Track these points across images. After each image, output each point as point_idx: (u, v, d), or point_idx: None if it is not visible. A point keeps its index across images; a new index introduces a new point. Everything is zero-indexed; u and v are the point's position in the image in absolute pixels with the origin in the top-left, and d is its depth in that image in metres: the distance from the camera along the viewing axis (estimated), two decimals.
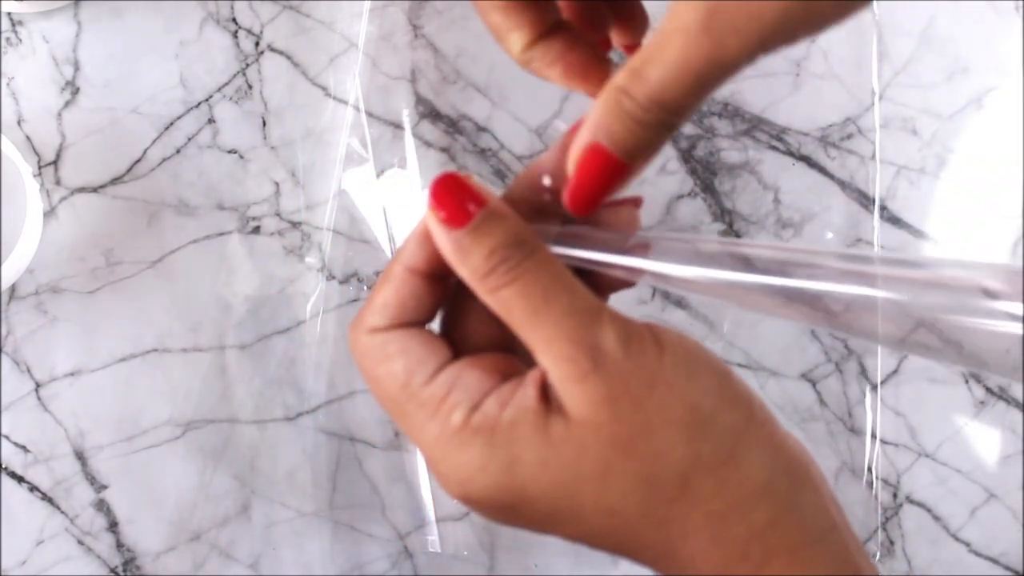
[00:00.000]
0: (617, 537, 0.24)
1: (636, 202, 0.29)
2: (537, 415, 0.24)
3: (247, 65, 0.53)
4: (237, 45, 0.53)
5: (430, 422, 0.25)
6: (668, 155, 0.53)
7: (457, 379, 0.25)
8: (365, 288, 0.52)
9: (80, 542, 0.50)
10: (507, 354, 0.27)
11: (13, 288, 0.51)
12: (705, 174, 0.53)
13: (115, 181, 0.52)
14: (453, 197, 0.24)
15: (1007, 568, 0.50)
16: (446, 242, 0.25)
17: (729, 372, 0.25)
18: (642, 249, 0.26)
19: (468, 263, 0.24)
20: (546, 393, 0.24)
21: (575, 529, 0.24)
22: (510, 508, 0.24)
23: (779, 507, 0.23)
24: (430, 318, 0.27)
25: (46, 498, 0.50)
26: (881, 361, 0.52)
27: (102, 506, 0.50)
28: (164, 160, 0.52)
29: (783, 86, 0.53)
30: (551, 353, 0.24)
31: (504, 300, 0.24)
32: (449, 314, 0.28)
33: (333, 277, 0.52)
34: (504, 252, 0.24)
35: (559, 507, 0.24)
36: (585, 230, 0.27)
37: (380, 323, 0.26)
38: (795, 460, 0.24)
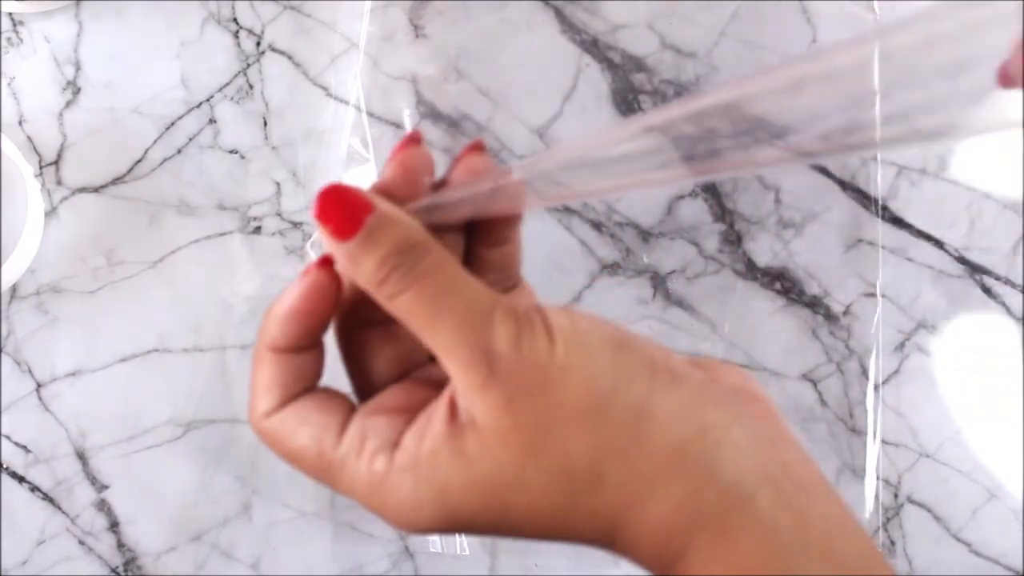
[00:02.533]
0: (560, 534, 0.24)
1: (476, 147, 0.28)
2: (451, 438, 0.24)
3: (248, 65, 0.53)
4: (238, 45, 0.53)
5: (356, 475, 0.25)
6: (669, 157, 0.53)
7: (365, 429, 0.25)
8: None
9: (81, 542, 0.50)
10: (410, 381, 0.27)
11: (14, 288, 0.51)
12: None
13: (116, 181, 0.52)
14: (338, 208, 0.24)
15: (1008, 568, 0.50)
16: (338, 254, 0.24)
17: (624, 342, 0.24)
18: (505, 172, 0.25)
19: (362, 274, 0.24)
20: (454, 413, 0.24)
21: (516, 532, 0.24)
22: (453, 528, 0.25)
23: (694, 474, 0.22)
24: (317, 378, 0.27)
25: (47, 498, 0.50)
26: (882, 361, 0.52)
27: (103, 506, 0.50)
28: (165, 160, 0.52)
29: None
30: (452, 362, 0.23)
31: (402, 307, 0.24)
32: (346, 355, 0.28)
33: None
34: (395, 259, 0.24)
35: (495, 520, 0.24)
36: (451, 191, 0.27)
37: (271, 405, 0.26)
38: (711, 417, 0.23)
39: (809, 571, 0.21)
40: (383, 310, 0.25)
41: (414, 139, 0.28)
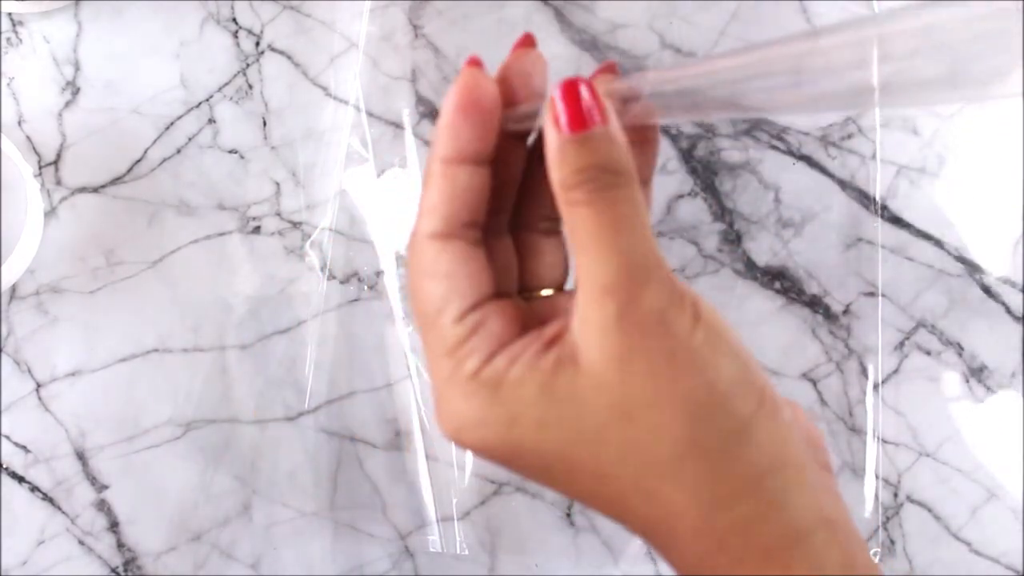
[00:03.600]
0: (608, 502, 0.24)
1: (608, 68, 0.28)
2: (544, 371, 0.23)
3: (247, 65, 0.53)
4: (237, 45, 0.53)
5: (445, 360, 0.25)
6: (668, 155, 0.53)
7: (482, 323, 0.25)
8: (365, 288, 0.52)
9: (81, 542, 0.50)
10: (556, 297, 0.28)
11: (14, 288, 0.51)
12: (705, 174, 0.53)
13: (116, 181, 0.52)
14: (578, 103, 0.24)
15: (1008, 568, 0.50)
16: (552, 142, 0.24)
17: (750, 359, 0.24)
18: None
19: (561, 169, 0.24)
20: (556, 343, 0.24)
21: (568, 488, 0.24)
22: (503, 460, 0.25)
23: (767, 503, 0.23)
24: (481, 212, 0.27)
25: (47, 498, 0.50)
26: (882, 361, 0.52)
27: (103, 506, 0.50)
28: (164, 160, 0.52)
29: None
30: (589, 289, 0.23)
31: (575, 217, 0.24)
32: (516, 242, 0.28)
33: (333, 277, 0.52)
34: (595, 172, 0.23)
35: (553, 466, 0.24)
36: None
37: (437, 227, 0.26)
38: (793, 456, 0.24)
39: None
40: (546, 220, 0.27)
41: (528, 42, 0.28)
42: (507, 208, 0.29)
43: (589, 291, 0.23)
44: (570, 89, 0.24)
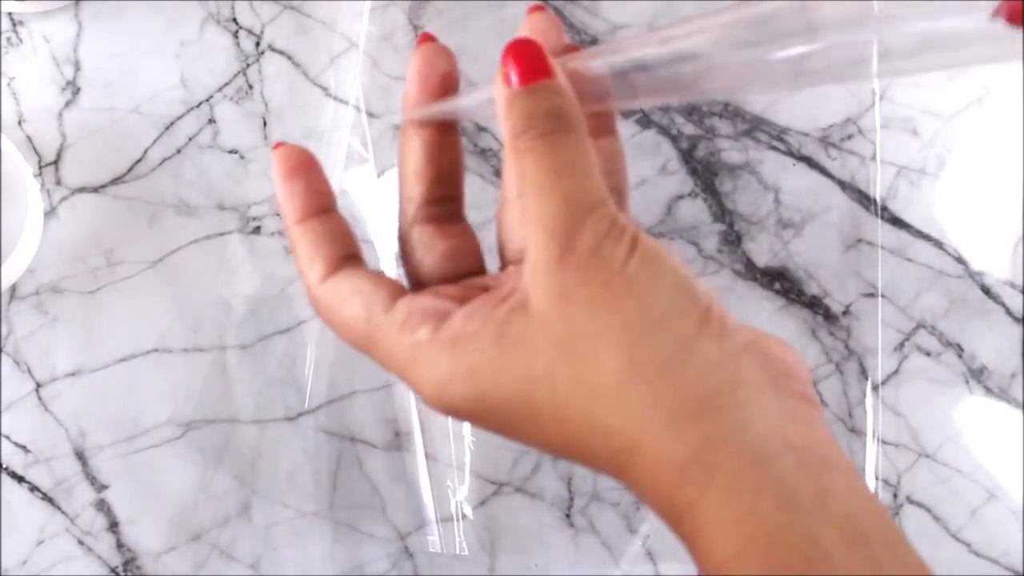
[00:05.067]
0: (571, 445, 0.24)
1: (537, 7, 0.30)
2: (496, 320, 0.24)
3: (248, 65, 0.53)
4: (238, 45, 0.53)
5: (398, 343, 0.26)
6: (668, 155, 0.53)
7: (414, 303, 0.26)
8: None
9: (80, 542, 0.50)
10: (464, 283, 0.28)
11: (13, 288, 0.51)
12: (705, 174, 0.53)
13: (116, 181, 0.52)
14: (523, 60, 0.25)
15: (1007, 568, 0.50)
16: (501, 96, 0.25)
17: (692, 283, 0.24)
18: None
19: (509, 119, 0.25)
20: (510, 296, 0.25)
21: (535, 436, 0.25)
22: (479, 415, 0.25)
23: (719, 425, 0.22)
24: (353, 244, 0.29)
25: (46, 498, 0.50)
26: (881, 362, 0.52)
27: (102, 506, 0.50)
28: (164, 160, 0.52)
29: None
30: (533, 232, 0.24)
31: (521, 165, 0.24)
32: (404, 249, 0.30)
33: None
34: (540, 119, 0.24)
35: (518, 411, 0.24)
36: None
37: (320, 272, 0.28)
38: (746, 376, 0.23)
39: (827, 541, 0.21)
40: (441, 206, 0.28)
41: (427, 37, 0.30)
42: (458, 194, 0.30)
43: (533, 234, 0.24)
44: (517, 47, 0.25)
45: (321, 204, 0.28)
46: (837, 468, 0.23)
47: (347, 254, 0.28)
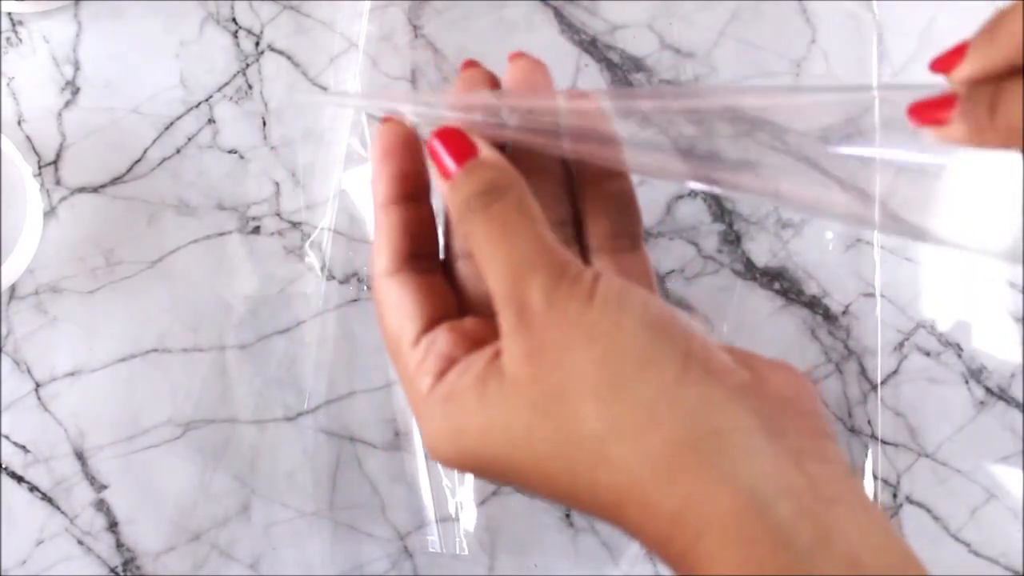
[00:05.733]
0: (563, 497, 0.24)
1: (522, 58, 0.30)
2: (479, 381, 0.24)
3: (247, 65, 0.53)
4: (237, 45, 0.53)
5: (410, 384, 0.26)
6: (668, 154, 0.53)
7: (433, 344, 0.26)
8: (365, 288, 0.52)
9: (80, 542, 0.50)
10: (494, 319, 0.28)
11: (13, 288, 0.51)
12: None
13: (115, 181, 0.52)
14: (442, 151, 0.26)
15: (1007, 568, 0.50)
16: (441, 190, 0.26)
17: (665, 325, 0.23)
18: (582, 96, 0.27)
19: (451, 211, 0.26)
20: (499, 356, 0.24)
21: (529, 487, 0.24)
22: (473, 470, 0.25)
23: (708, 473, 0.21)
24: (428, 244, 0.28)
25: (46, 498, 0.50)
26: (881, 361, 0.52)
27: (102, 506, 0.50)
28: (164, 160, 0.52)
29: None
30: (495, 302, 0.24)
31: (472, 244, 0.25)
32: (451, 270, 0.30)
33: (333, 277, 0.52)
34: (476, 199, 0.25)
35: (506, 468, 0.24)
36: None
37: (385, 265, 0.28)
38: (737, 420, 0.22)
39: None
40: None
41: (470, 64, 0.30)
42: None
43: (496, 304, 0.24)
44: (436, 141, 0.26)
45: (409, 191, 0.28)
46: (846, 504, 0.22)
47: (418, 252, 0.28)
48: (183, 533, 0.50)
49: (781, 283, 0.52)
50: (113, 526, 0.50)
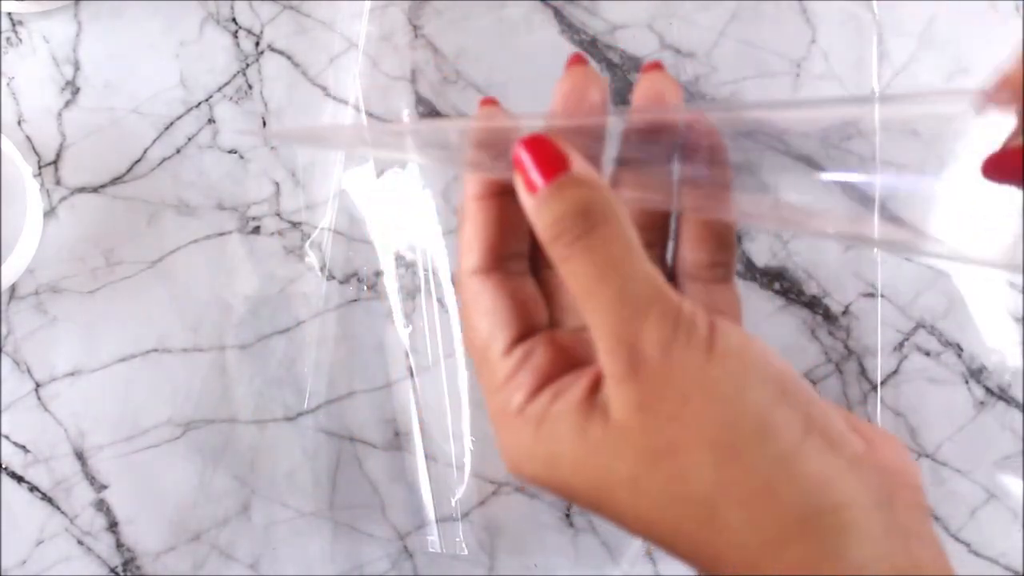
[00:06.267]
0: (656, 540, 0.23)
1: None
2: (579, 415, 0.23)
3: (247, 65, 0.53)
4: (237, 45, 0.53)
5: (496, 395, 0.25)
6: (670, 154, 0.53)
7: (527, 358, 0.25)
8: (365, 288, 0.52)
9: (80, 542, 0.50)
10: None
11: (13, 288, 0.51)
12: None
13: (115, 181, 0.52)
14: (531, 162, 0.24)
15: (1007, 568, 0.50)
16: (526, 205, 0.24)
17: (789, 389, 0.22)
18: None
19: (539, 229, 0.24)
20: (596, 389, 0.23)
21: (618, 523, 0.24)
22: (556, 493, 0.24)
23: (818, 549, 0.21)
24: (520, 243, 0.27)
25: (46, 498, 0.50)
26: (881, 362, 0.52)
27: (102, 506, 0.50)
28: (164, 160, 0.52)
29: (783, 86, 0.53)
30: (599, 344, 0.23)
31: (565, 273, 0.23)
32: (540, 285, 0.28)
33: (333, 277, 0.52)
34: (567, 222, 0.23)
35: (598, 504, 0.23)
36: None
37: (476, 263, 0.26)
38: (854, 495, 0.21)
39: None
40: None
41: (579, 59, 0.28)
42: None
43: (597, 342, 0.23)
44: (523, 150, 0.24)
45: (504, 185, 0.26)
46: None
47: (510, 252, 0.26)
48: (183, 533, 0.50)
49: (781, 283, 0.52)
50: (113, 526, 0.50)
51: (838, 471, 0.21)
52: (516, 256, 0.27)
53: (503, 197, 0.26)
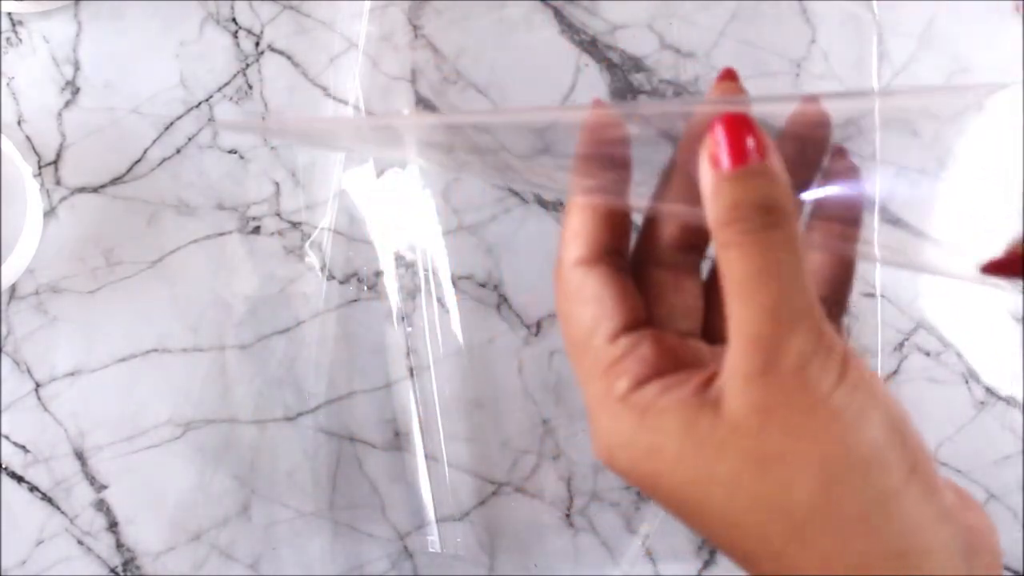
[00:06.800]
0: (735, 549, 0.23)
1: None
2: (688, 408, 0.23)
3: (247, 65, 0.53)
4: (237, 45, 0.53)
5: (597, 380, 0.25)
6: (668, 155, 0.53)
7: (635, 347, 0.25)
8: (365, 288, 0.52)
9: (80, 542, 0.50)
10: (695, 341, 0.27)
11: (13, 288, 0.51)
12: None
13: (115, 181, 0.52)
14: (732, 138, 0.23)
15: (1007, 568, 0.50)
16: (706, 178, 0.24)
17: (902, 430, 0.23)
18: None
19: (714, 206, 0.23)
20: (708, 386, 0.23)
21: (699, 526, 0.24)
22: (646, 487, 0.24)
23: None
24: (622, 241, 0.27)
25: (46, 498, 0.50)
26: (881, 361, 0.52)
27: (102, 506, 0.50)
28: (164, 160, 0.52)
29: (783, 86, 0.53)
30: (736, 337, 0.23)
31: (725, 259, 0.23)
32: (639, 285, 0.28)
33: (333, 277, 0.52)
34: (748, 211, 0.23)
35: (687, 502, 0.23)
36: None
37: (581, 253, 0.26)
38: (942, 542, 0.22)
39: None
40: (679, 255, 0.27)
41: (729, 75, 0.28)
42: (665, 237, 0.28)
43: (736, 339, 0.23)
44: (726, 124, 0.23)
45: (613, 187, 0.27)
46: None
47: (615, 248, 0.26)
48: (183, 533, 0.50)
49: None
50: (113, 526, 0.50)
51: (932, 518, 0.22)
52: (618, 252, 0.27)
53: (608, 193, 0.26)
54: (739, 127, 0.23)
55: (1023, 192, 0.54)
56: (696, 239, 0.28)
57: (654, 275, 0.28)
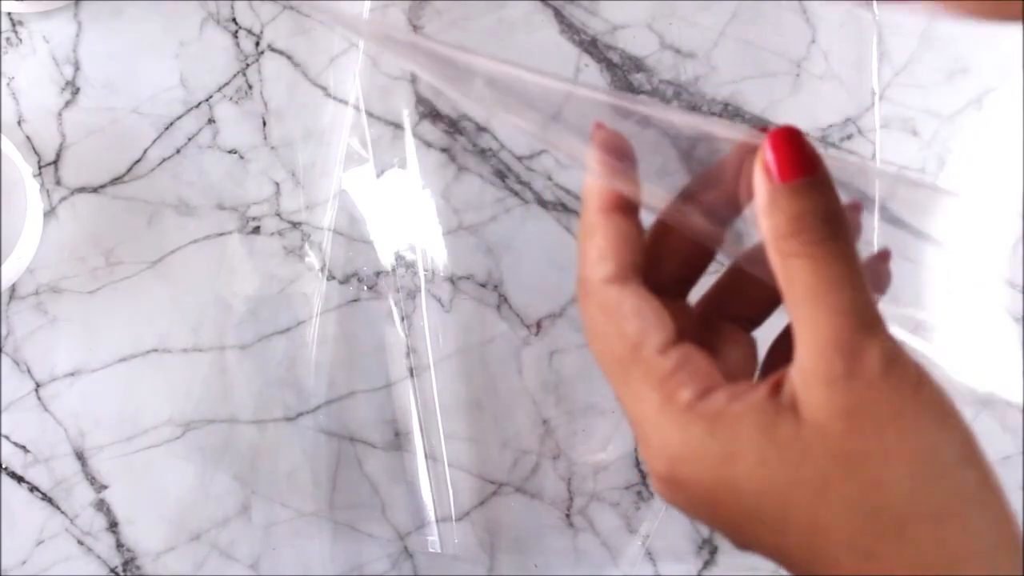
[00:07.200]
0: (814, 558, 0.23)
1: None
2: (765, 413, 0.23)
3: (247, 65, 0.53)
4: (237, 45, 0.53)
5: (652, 392, 0.24)
6: (668, 155, 0.53)
7: (688, 359, 0.25)
8: (365, 288, 0.52)
9: (80, 542, 0.50)
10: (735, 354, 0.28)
11: (13, 288, 0.51)
12: None
13: (115, 181, 0.52)
14: (790, 150, 0.24)
15: None
16: (763, 190, 0.24)
17: (974, 435, 0.23)
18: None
19: (773, 218, 0.24)
20: (779, 391, 0.24)
21: (773, 539, 0.24)
22: (714, 501, 0.24)
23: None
24: (641, 255, 0.27)
25: (46, 498, 0.50)
26: None
27: (102, 506, 0.50)
28: (164, 160, 0.52)
29: (783, 86, 0.53)
30: (811, 343, 0.23)
31: (791, 269, 0.23)
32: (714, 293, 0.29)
33: (333, 277, 0.52)
34: (811, 221, 0.23)
35: (766, 511, 0.23)
36: None
37: (612, 271, 0.26)
38: (1008, 550, 0.23)
39: None
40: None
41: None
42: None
43: (812, 344, 0.23)
44: (783, 136, 0.24)
45: (628, 201, 0.27)
46: None
47: (638, 265, 0.27)
48: (183, 533, 0.50)
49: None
50: (113, 526, 0.50)
51: (1001, 523, 0.23)
52: (640, 271, 0.27)
53: (626, 213, 0.26)
54: (793, 139, 0.24)
55: (1023, 192, 0.54)
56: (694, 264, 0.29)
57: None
